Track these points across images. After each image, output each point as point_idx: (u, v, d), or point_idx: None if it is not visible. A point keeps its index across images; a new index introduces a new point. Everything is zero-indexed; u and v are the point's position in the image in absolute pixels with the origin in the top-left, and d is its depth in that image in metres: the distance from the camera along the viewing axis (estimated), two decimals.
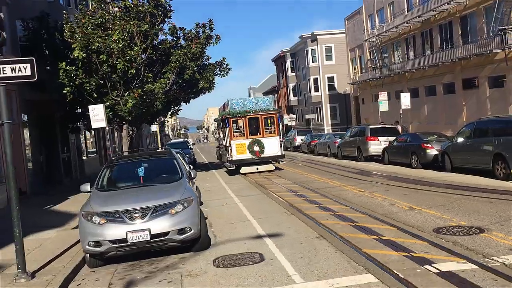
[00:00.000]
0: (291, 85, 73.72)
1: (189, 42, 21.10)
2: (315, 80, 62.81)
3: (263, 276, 7.18)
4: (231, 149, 23.98)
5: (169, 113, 24.96)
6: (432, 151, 20.05)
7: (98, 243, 8.19)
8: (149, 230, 8.13)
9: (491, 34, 25.52)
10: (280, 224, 10.89)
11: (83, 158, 32.25)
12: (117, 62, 18.30)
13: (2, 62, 7.63)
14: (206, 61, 22.97)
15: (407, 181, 16.78)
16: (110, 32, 18.87)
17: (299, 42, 66.79)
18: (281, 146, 24.41)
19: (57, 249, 10.25)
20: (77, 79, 18.73)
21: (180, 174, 9.91)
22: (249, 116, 24.00)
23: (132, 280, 7.78)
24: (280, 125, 25.74)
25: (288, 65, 73.99)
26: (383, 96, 31.87)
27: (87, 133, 33.74)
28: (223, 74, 23.66)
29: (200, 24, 21.43)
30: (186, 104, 24.36)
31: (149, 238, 8.15)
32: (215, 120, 34.60)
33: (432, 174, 18.15)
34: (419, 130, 31.30)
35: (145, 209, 8.32)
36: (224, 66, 23.64)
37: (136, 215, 8.26)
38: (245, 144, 23.78)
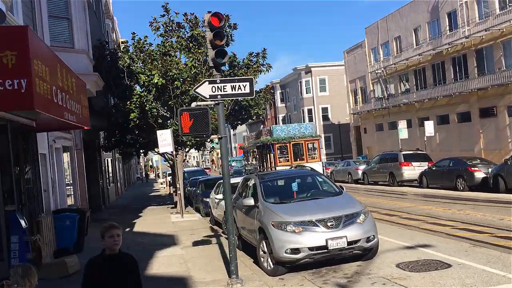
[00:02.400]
0: (280, 116, 75.13)
1: (242, 70, 21.81)
2: (309, 111, 64.50)
3: (478, 277, 7.79)
4: None
5: (208, 139, 25.34)
6: (480, 174, 21.20)
7: (296, 250, 8.64)
8: (346, 237, 8.67)
9: None
10: (411, 238, 11.49)
11: (108, 186, 32.17)
12: (189, 88, 18.85)
13: (223, 81, 8.20)
14: None
15: (475, 200, 17.75)
16: (176, 59, 19.49)
17: (291, 73, 68.67)
18: (323, 171, 25.21)
19: (209, 262, 10.61)
20: (147, 105, 19.15)
21: (337, 188, 10.52)
22: (293, 142, 24.79)
23: (339, 283, 8.25)
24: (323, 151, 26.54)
25: (278, 96, 75.54)
26: (402, 125, 33.31)
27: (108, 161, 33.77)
28: (268, 102, 24.43)
29: (254, 53, 22.29)
30: (233, 130, 24.89)
31: (345, 245, 8.67)
32: (242, 147, 35.12)
33: (489, 194, 19.16)
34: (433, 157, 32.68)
35: (336, 218, 8.87)
36: (270, 94, 24.43)
37: (330, 223, 8.79)
38: None
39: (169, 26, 20.26)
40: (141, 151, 24.51)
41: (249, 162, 31.96)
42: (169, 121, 20.25)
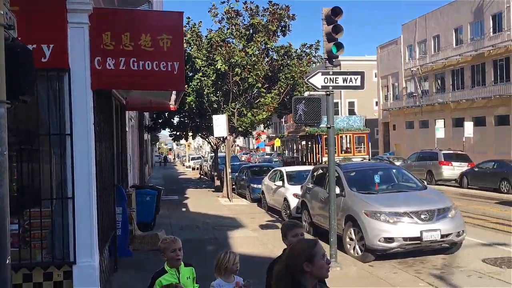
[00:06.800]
0: None
1: (295, 61, 21.99)
2: (336, 104, 64.56)
3: None
4: None
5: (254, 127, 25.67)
6: None
7: (390, 240, 9.01)
8: (440, 230, 9.02)
9: None
10: (483, 236, 11.69)
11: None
12: (248, 76, 19.21)
13: (335, 73, 8.57)
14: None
15: None
16: (236, 47, 19.80)
17: (320, 65, 68.64)
18: None
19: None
20: (205, 89, 19.55)
21: (420, 183, 10.86)
22: (341, 134, 25.03)
23: (433, 274, 8.57)
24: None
25: None
26: (440, 124, 33.42)
27: None
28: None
29: (308, 45, 22.49)
30: (279, 119, 25.29)
31: (438, 238, 9.02)
32: (280, 136, 35.40)
33: None
34: None
35: (430, 211, 9.22)
36: None
37: (423, 216, 9.14)
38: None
39: (229, 13, 20.50)
40: (190, 134, 25.00)
41: (287, 152, 32.29)
42: (223, 107, 20.63)
